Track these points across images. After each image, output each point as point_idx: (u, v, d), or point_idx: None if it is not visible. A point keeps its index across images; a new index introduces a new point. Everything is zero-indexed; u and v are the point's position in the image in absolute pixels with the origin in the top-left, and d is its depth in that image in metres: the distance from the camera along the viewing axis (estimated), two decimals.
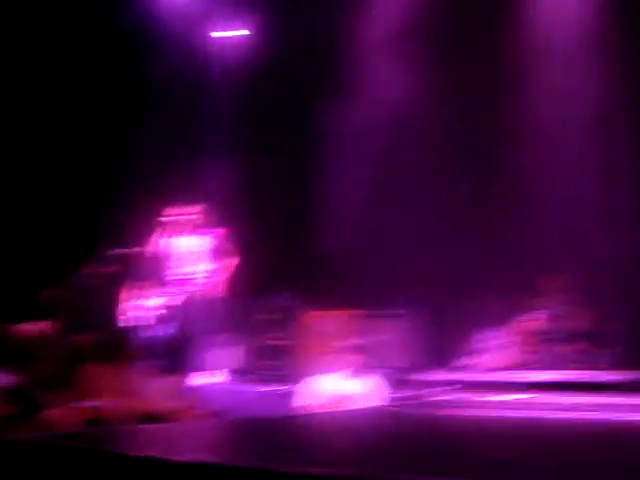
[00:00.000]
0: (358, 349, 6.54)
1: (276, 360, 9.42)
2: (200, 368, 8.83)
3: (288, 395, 7.73)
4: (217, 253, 9.19)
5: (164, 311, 9.47)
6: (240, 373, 9.52)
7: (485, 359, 9.28)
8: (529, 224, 9.87)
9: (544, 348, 9.26)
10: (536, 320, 9.37)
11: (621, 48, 9.54)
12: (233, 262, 8.09)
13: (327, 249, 10.97)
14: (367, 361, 8.29)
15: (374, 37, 10.49)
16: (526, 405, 6.87)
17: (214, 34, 11.67)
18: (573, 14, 10.04)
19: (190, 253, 9.46)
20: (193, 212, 9.75)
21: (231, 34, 11.58)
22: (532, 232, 9.84)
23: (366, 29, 10.53)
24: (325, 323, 9.50)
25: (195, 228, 9.58)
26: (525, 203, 9.93)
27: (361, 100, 10.63)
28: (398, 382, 8.79)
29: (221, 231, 8.19)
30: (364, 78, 10.63)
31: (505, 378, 8.91)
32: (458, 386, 8.70)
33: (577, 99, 9.82)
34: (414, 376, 9.17)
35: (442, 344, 9.52)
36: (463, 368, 9.37)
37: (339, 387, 6.44)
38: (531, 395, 7.53)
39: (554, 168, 9.86)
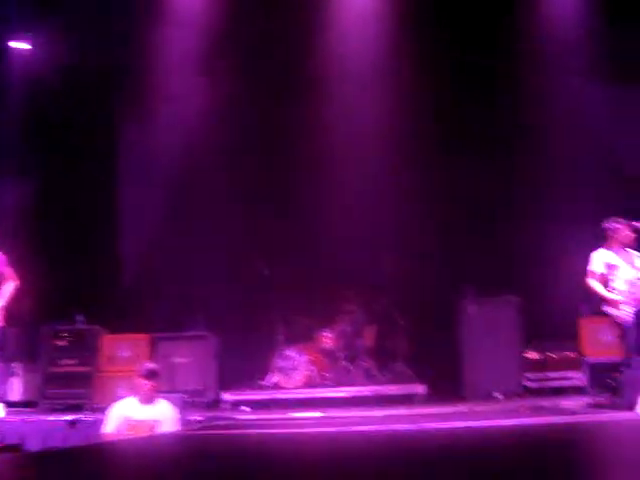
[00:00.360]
0: (155, 373, 6.53)
1: (70, 387, 9.19)
2: None
3: (83, 423, 7.58)
4: None
5: None
6: (29, 404, 9.17)
7: (283, 378, 9.51)
8: (325, 246, 10.19)
9: (333, 365, 9.64)
10: (326, 338, 9.73)
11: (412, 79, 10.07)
12: (12, 288, 7.61)
13: (124, 272, 10.86)
14: (164, 385, 8.29)
15: (172, 54, 10.43)
16: (317, 421, 7.11)
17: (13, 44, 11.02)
18: (368, 42, 10.46)
19: None
20: None
21: (20, 46, 10.97)
22: (327, 254, 10.17)
23: (163, 47, 10.45)
24: (122, 347, 9.39)
25: None
26: (320, 228, 10.23)
27: (158, 117, 10.61)
28: (196, 405, 8.85)
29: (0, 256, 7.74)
30: (159, 95, 10.54)
31: (298, 396, 9.22)
32: (252, 406, 8.90)
33: (368, 126, 10.30)
34: (211, 398, 9.28)
35: (241, 364, 9.67)
36: (260, 388, 9.57)
37: (136, 413, 6.41)
38: (322, 412, 7.80)
39: (345, 193, 10.27)
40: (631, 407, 6.46)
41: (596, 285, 7.79)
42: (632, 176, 10.30)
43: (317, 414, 7.62)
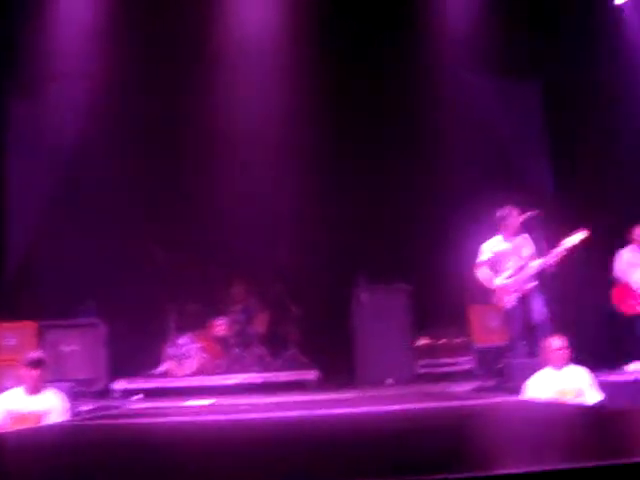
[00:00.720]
0: (42, 362, 6.34)
1: None
2: None
3: None
4: None
5: None
6: None
7: (175, 365, 9.42)
8: (219, 234, 10.13)
9: (227, 353, 9.61)
10: (220, 326, 9.69)
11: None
12: None
13: (10, 258, 10.49)
14: (52, 374, 8.08)
15: (65, 31, 10.11)
16: (209, 409, 7.08)
17: None
18: (265, 33, 10.39)
19: None
20: None
21: None
22: (221, 241, 10.12)
23: (56, 23, 10.12)
24: (6, 335, 9.08)
25: None
26: (214, 215, 10.16)
27: (49, 96, 10.27)
28: (86, 394, 8.66)
29: None
30: (50, 73, 10.21)
31: (191, 384, 9.16)
32: (144, 395, 8.77)
33: (263, 116, 10.26)
34: (102, 387, 9.10)
35: (133, 352, 9.52)
36: (152, 376, 9.45)
37: (22, 404, 6.22)
38: (214, 399, 7.77)
39: (243, 184, 10.22)
40: (517, 391, 6.68)
41: (484, 273, 8.01)
42: (520, 167, 10.64)
43: (209, 401, 7.57)
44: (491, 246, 8.10)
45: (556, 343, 6.60)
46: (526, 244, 8.04)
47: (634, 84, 10.03)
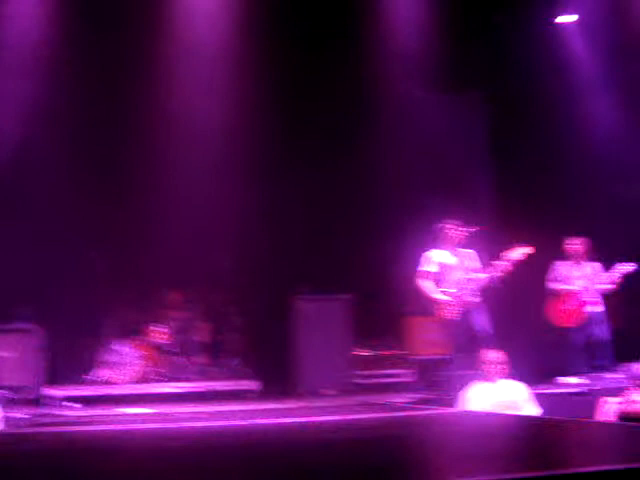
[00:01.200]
0: None
1: None
2: None
3: None
4: None
5: None
6: None
7: (112, 373, 9.29)
8: (159, 240, 10.01)
9: (167, 361, 9.51)
10: (160, 334, 9.59)
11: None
12: None
13: None
14: None
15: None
16: (147, 418, 7.00)
17: None
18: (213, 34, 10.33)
19: None
20: None
21: None
22: (161, 248, 10.01)
23: None
24: None
25: None
26: (157, 223, 10.05)
27: None
28: (20, 402, 8.48)
29: None
30: None
31: (129, 391, 9.03)
32: (80, 402, 8.63)
33: (209, 122, 10.20)
34: (37, 394, 8.91)
35: (70, 359, 9.36)
36: (89, 383, 9.30)
37: None
38: (153, 408, 7.68)
39: (184, 191, 10.13)
40: (455, 403, 6.75)
41: (427, 285, 8.06)
42: (460, 181, 10.79)
43: (147, 410, 7.48)
44: (436, 257, 8.13)
45: (492, 356, 6.69)
46: (470, 258, 8.12)
47: (575, 99, 10.26)
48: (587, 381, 8.00)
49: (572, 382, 8.16)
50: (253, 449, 4.12)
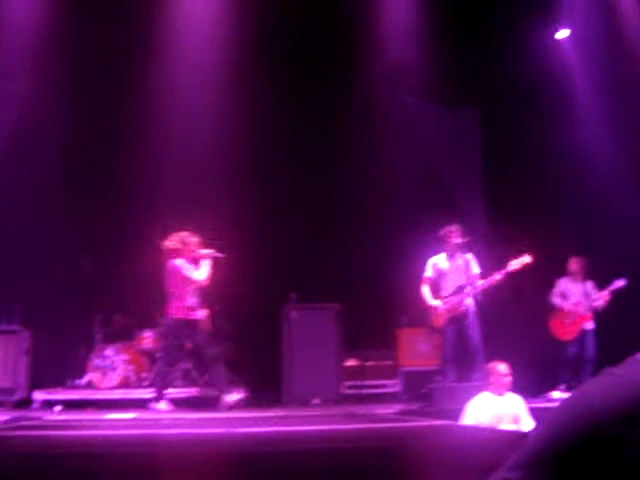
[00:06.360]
0: None
1: None
2: None
3: None
4: None
5: None
6: None
7: (97, 377, 9.22)
8: (149, 244, 9.95)
9: (153, 367, 9.44)
10: (146, 339, 9.53)
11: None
12: None
13: None
14: None
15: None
16: (131, 423, 6.95)
17: None
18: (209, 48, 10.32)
19: None
20: None
21: None
22: (150, 252, 9.94)
23: None
24: None
25: None
26: (148, 228, 9.97)
27: None
28: (3, 404, 8.43)
29: None
30: None
31: (114, 396, 8.97)
32: (65, 406, 8.57)
33: (205, 125, 10.15)
34: (21, 396, 8.85)
35: (55, 362, 9.30)
36: (74, 387, 9.24)
37: None
38: (136, 413, 7.63)
39: (175, 196, 10.04)
40: (441, 415, 6.70)
41: (425, 291, 8.10)
42: (453, 192, 10.78)
43: (131, 415, 7.42)
44: (435, 262, 8.20)
45: (502, 369, 6.61)
46: (469, 265, 8.12)
47: (571, 113, 10.26)
48: None
49: (561, 397, 8.15)
50: (235, 457, 4.08)
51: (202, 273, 8.03)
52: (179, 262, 8.01)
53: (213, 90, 10.18)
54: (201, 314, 8.17)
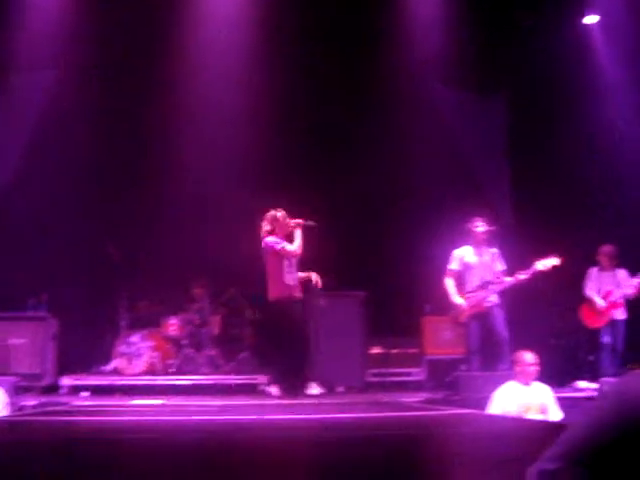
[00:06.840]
0: None
1: None
2: None
3: None
4: None
5: None
6: None
7: (124, 363, 9.29)
8: (175, 232, 10.01)
9: (179, 353, 9.51)
10: (172, 326, 9.58)
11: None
12: None
13: None
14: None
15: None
16: (157, 409, 6.98)
17: None
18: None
19: None
20: None
21: None
22: (176, 241, 10.01)
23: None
24: None
25: None
26: (173, 215, 10.05)
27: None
28: (31, 389, 8.50)
29: None
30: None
31: (140, 383, 9.03)
32: (92, 392, 8.64)
33: (224, 116, 10.16)
34: (49, 382, 8.94)
35: (82, 348, 9.38)
36: (100, 373, 9.32)
37: None
38: (163, 399, 7.67)
39: (204, 185, 10.12)
40: (465, 403, 6.68)
41: (449, 283, 8.02)
42: (481, 182, 10.71)
43: (157, 401, 7.47)
44: (459, 255, 8.07)
45: (529, 358, 6.55)
46: (495, 259, 8.03)
47: (600, 102, 10.13)
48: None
49: (588, 387, 8.09)
50: (262, 444, 4.09)
51: (295, 244, 7.99)
52: (270, 239, 7.97)
53: (240, 81, 10.19)
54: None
